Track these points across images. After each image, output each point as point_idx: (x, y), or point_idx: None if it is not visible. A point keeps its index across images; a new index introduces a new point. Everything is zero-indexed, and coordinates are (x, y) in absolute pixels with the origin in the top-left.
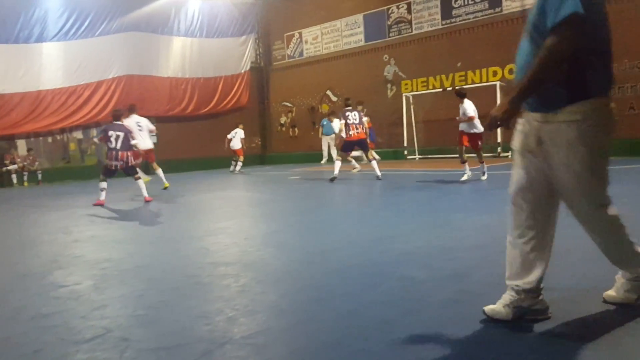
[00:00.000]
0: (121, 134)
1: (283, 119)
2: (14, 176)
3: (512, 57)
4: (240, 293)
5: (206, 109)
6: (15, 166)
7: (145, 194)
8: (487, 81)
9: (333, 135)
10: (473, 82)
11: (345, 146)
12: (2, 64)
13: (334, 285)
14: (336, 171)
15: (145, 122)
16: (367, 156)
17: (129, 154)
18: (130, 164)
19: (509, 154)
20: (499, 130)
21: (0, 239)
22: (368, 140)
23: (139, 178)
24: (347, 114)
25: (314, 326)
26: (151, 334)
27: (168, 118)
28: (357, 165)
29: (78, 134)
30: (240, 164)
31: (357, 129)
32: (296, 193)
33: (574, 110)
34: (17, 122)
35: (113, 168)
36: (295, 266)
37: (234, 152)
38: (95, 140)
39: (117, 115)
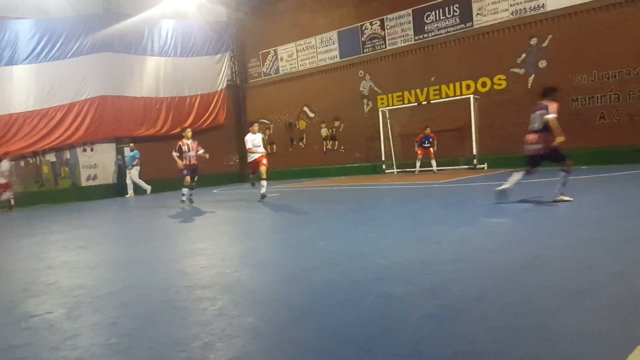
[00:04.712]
0: None
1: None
2: None
3: (484, 71)
4: (217, 317)
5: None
6: None
7: None
8: (461, 94)
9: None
10: (447, 96)
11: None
12: None
13: (313, 304)
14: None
15: None
16: None
17: None
18: None
19: (485, 165)
20: (474, 140)
21: None
22: None
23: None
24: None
25: (293, 348)
26: None
27: (144, 138)
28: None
29: (51, 157)
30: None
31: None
32: (274, 211)
33: None
34: None
35: None
36: (273, 286)
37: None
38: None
39: None
